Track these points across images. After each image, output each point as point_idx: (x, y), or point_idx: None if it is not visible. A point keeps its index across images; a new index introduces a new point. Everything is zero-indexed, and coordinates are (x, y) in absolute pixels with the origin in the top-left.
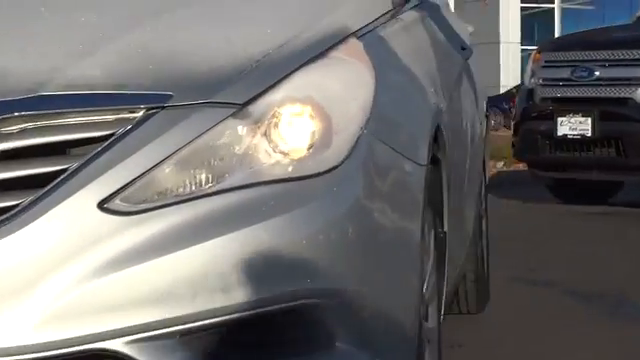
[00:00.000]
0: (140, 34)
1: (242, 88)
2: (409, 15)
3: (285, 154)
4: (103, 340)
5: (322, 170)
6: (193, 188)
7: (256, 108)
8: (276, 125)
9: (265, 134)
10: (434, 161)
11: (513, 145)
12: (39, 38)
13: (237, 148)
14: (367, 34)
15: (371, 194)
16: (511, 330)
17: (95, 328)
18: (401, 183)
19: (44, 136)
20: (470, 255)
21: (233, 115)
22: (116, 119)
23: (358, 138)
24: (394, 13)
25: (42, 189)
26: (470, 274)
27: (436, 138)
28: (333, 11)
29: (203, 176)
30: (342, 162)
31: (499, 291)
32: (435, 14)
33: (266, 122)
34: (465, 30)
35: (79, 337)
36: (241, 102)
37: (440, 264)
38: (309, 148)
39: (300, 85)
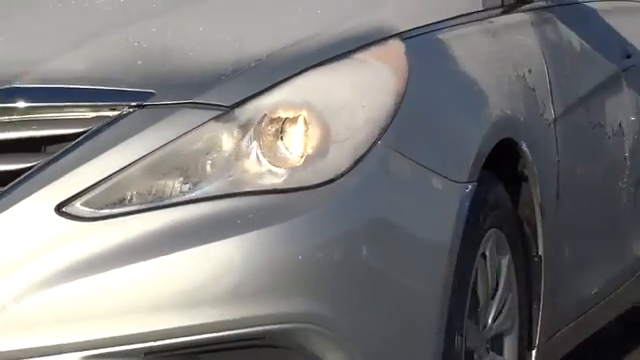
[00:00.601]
0: (139, 27)
1: (232, 89)
2: (513, 18)
3: (273, 163)
4: (58, 354)
5: (316, 183)
6: (163, 195)
7: (243, 112)
8: (265, 132)
9: (252, 141)
10: (523, 178)
11: None
12: (25, 29)
13: (217, 154)
14: (420, 36)
15: (380, 212)
16: None
17: (48, 341)
18: (426, 202)
19: (16, 131)
20: None
21: (216, 118)
22: (95, 117)
23: (369, 149)
24: (487, 15)
25: (3, 188)
26: None
27: (516, 154)
28: (380, 8)
29: (175, 183)
30: (342, 175)
31: None
32: (576, 18)
33: (253, 128)
34: None
35: (30, 349)
36: (228, 104)
37: (533, 290)
38: (301, 158)
39: (300, 89)
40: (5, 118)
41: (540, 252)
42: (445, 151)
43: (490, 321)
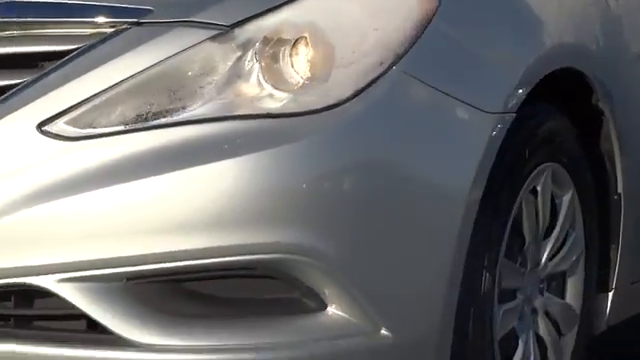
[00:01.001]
0: None
1: (234, 8)
2: None
3: (275, 87)
4: (33, 275)
5: (315, 108)
6: (152, 116)
7: (243, 32)
8: (266, 53)
9: (253, 62)
10: (599, 111)
11: None
12: None
13: (211, 76)
14: None
15: (390, 141)
16: None
17: (24, 261)
18: (448, 132)
19: (15, 46)
20: None
21: (212, 38)
22: (93, 33)
23: (380, 75)
24: None
25: None
26: None
27: (588, 86)
28: None
29: (165, 103)
30: (346, 100)
31: None
32: None
33: (254, 49)
34: None
35: (4, 269)
36: (227, 24)
37: (611, 230)
38: (301, 81)
39: (306, 9)
40: (5, 33)
41: (620, 190)
42: (477, 80)
43: (544, 260)
